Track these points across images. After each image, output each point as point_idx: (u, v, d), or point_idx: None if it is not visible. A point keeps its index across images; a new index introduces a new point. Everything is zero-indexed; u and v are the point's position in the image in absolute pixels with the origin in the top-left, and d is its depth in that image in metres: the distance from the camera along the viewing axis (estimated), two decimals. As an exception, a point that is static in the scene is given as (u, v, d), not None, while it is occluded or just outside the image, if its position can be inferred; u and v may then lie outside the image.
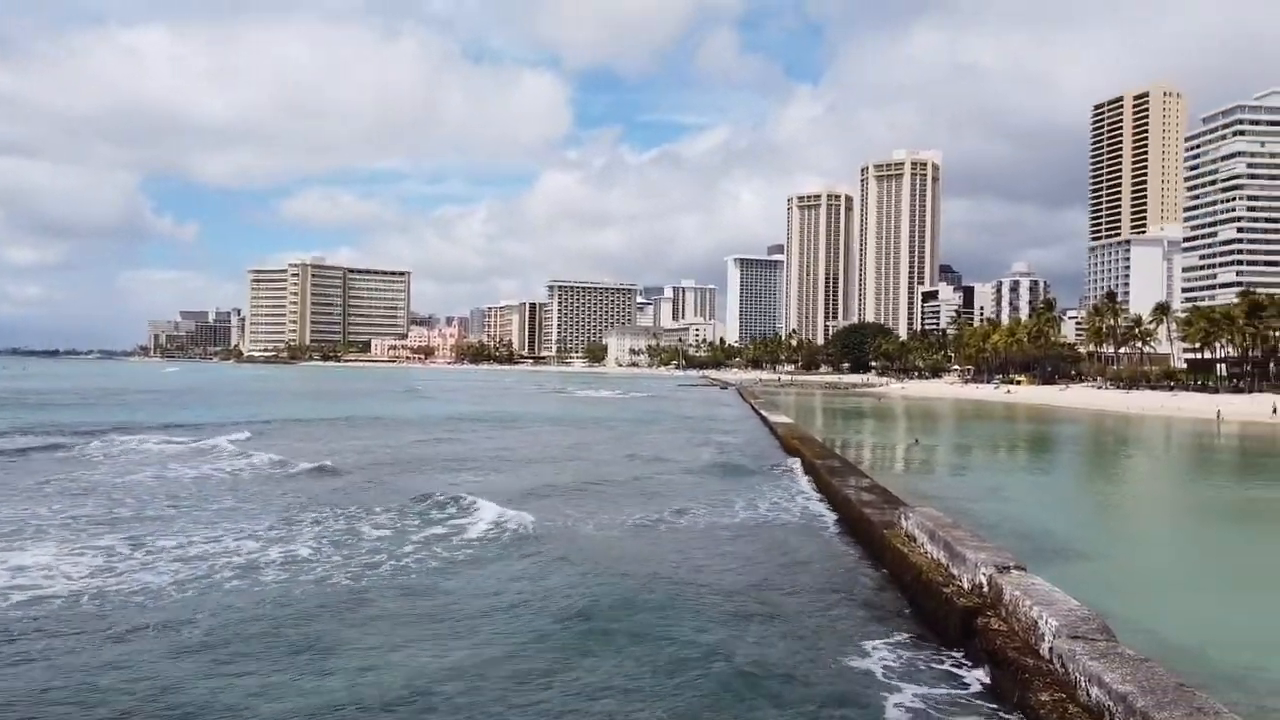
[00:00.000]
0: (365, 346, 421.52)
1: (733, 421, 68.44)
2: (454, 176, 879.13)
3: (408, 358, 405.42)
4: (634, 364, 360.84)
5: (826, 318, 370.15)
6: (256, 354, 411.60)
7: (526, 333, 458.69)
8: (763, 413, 67.05)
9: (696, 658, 12.48)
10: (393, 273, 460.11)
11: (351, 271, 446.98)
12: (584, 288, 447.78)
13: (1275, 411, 77.75)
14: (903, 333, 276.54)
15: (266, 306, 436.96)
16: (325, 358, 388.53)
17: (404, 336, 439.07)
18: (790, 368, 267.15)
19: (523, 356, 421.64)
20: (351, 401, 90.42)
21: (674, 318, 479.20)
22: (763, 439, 50.12)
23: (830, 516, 24.12)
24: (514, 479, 31.20)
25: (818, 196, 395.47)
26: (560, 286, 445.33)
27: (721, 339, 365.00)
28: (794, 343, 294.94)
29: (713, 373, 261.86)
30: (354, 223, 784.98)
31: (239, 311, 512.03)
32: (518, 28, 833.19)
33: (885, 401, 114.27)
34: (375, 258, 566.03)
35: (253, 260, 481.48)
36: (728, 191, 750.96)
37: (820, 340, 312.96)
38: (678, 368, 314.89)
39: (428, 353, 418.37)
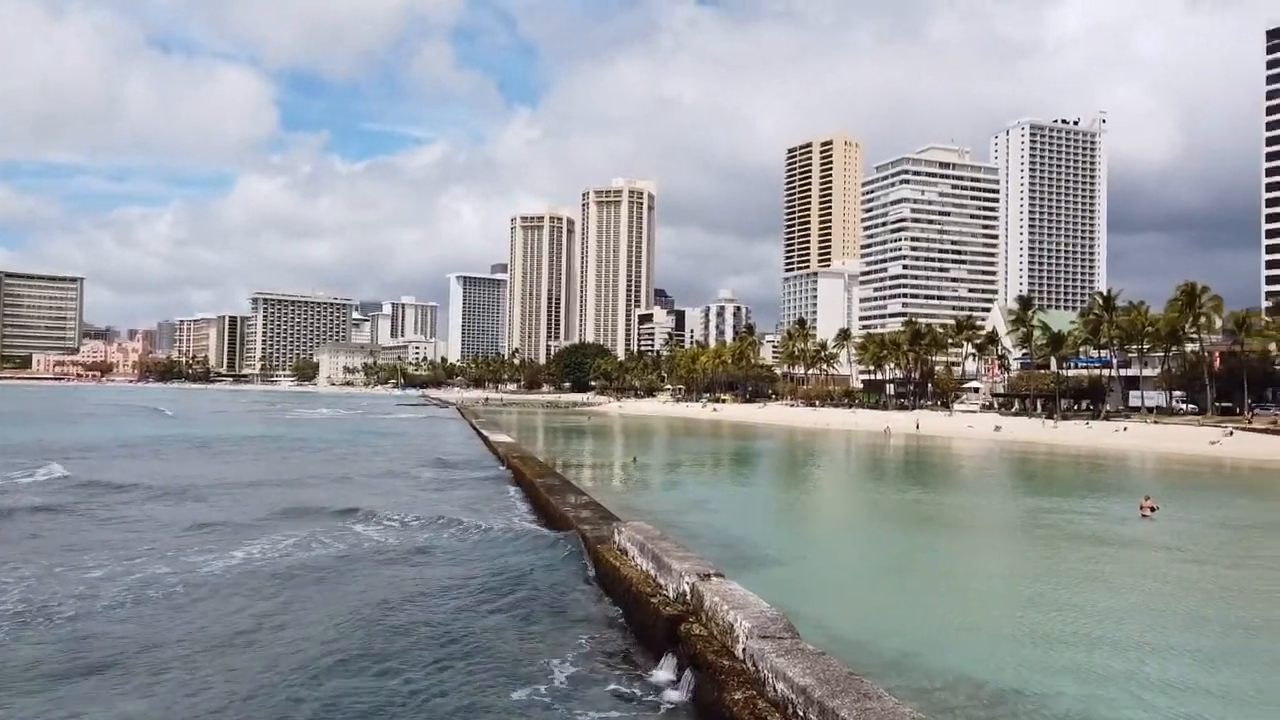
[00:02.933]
0: (24, 362, 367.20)
1: (454, 441, 67.41)
2: (140, 175, 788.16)
3: (79, 375, 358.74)
4: (349, 382, 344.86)
5: (549, 337, 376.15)
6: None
7: (226, 348, 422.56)
8: (484, 432, 66.63)
9: (404, 692, 12.09)
10: (60, 278, 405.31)
11: (8, 276, 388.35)
12: (293, 301, 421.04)
13: (918, 426, 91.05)
14: (621, 353, 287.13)
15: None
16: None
17: (75, 351, 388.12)
18: (513, 387, 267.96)
19: (221, 374, 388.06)
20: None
21: (393, 335, 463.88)
22: (483, 459, 49.76)
23: (549, 535, 24.39)
24: (223, 509, 28.55)
25: (540, 218, 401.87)
26: (265, 299, 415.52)
27: (443, 357, 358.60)
28: (517, 362, 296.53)
29: (434, 392, 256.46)
30: (8, 220, 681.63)
31: None
32: (211, 18, 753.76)
33: (604, 420, 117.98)
34: (37, 261, 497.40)
35: None
36: (448, 208, 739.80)
37: (543, 359, 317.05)
38: (396, 386, 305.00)
39: (105, 369, 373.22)
